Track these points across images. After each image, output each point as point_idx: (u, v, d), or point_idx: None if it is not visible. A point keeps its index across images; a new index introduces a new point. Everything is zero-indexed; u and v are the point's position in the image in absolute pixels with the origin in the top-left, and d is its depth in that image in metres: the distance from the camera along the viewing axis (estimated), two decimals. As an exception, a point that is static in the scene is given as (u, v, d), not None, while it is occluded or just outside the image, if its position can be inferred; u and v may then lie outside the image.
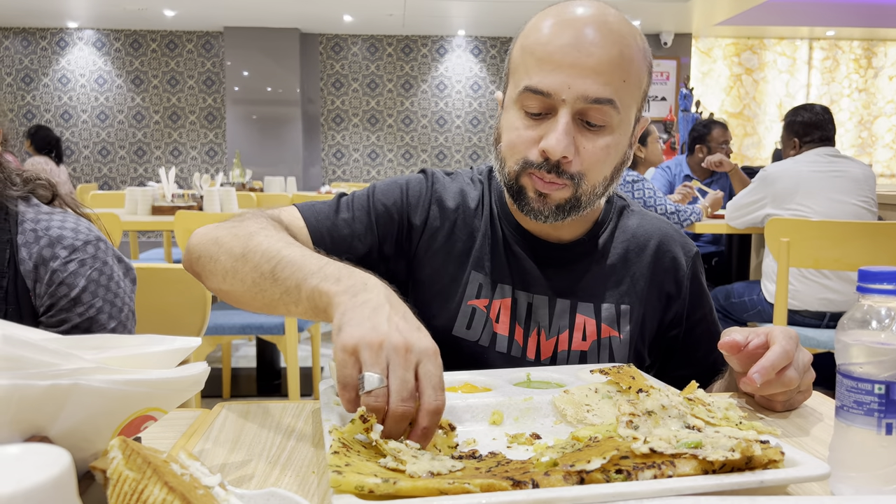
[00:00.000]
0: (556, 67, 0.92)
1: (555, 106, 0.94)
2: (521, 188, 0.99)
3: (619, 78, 0.94)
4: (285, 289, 0.82)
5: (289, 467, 0.74)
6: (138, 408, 0.60)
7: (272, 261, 0.85)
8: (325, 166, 9.14)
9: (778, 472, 0.59)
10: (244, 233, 0.92)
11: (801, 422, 0.89)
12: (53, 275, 1.06)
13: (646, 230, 1.12)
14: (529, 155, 0.96)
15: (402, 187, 1.10)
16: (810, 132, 3.08)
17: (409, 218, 1.08)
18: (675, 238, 1.14)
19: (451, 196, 1.10)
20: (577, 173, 0.96)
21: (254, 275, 0.86)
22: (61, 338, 0.61)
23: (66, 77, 8.77)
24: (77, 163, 8.84)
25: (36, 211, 1.11)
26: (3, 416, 0.52)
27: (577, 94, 0.92)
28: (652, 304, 1.10)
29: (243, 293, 0.90)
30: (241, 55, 8.58)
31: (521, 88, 0.95)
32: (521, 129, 0.97)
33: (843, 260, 2.64)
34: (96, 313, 1.09)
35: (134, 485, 0.51)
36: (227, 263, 0.91)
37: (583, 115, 0.94)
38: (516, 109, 0.98)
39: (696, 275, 1.13)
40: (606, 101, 0.93)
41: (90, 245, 1.10)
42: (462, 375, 0.93)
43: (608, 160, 0.98)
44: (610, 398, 0.81)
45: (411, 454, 0.63)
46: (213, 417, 0.90)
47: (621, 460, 0.59)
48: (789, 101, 9.21)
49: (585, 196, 0.99)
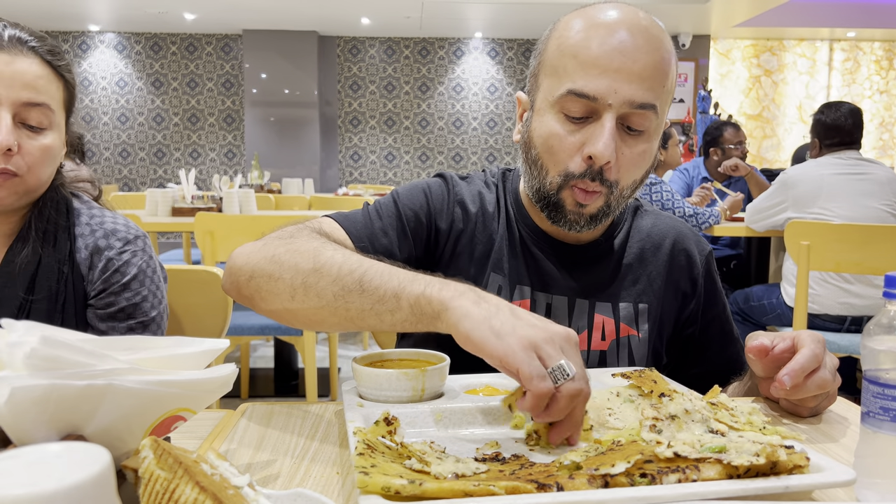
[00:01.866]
0: (603, 72, 0.91)
1: (598, 110, 0.93)
2: (559, 201, 0.98)
3: (660, 83, 0.94)
4: (378, 298, 0.79)
5: (313, 468, 0.75)
6: (169, 408, 0.61)
7: (355, 272, 0.82)
8: (342, 168, 9.18)
9: (803, 478, 0.59)
10: (307, 248, 0.88)
11: (825, 427, 0.88)
12: (109, 262, 1.17)
13: (660, 230, 1.13)
14: (571, 165, 0.95)
15: (425, 192, 1.09)
16: (831, 135, 3.02)
17: (435, 222, 1.08)
18: (690, 237, 1.14)
19: (471, 199, 1.10)
20: (614, 180, 0.96)
21: (334, 288, 0.82)
22: (96, 339, 0.62)
23: (88, 80, 8.87)
24: (98, 164, 8.93)
25: (88, 206, 1.23)
26: (42, 414, 0.53)
27: (624, 98, 0.92)
28: (669, 302, 1.11)
29: (320, 308, 0.85)
30: (260, 58, 8.63)
31: (564, 91, 0.94)
32: (564, 135, 0.95)
33: (864, 263, 2.62)
34: (141, 300, 1.19)
35: (165, 484, 0.52)
36: (296, 280, 0.86)
37: (625, 120, 0.94)
38: (554, 113, 0.96)
39: (710, 273, 1.14)
40: (650, 106, 0.93)
41: (139, 239, 1.22)
42: (484, 378, 0.94)
43: (643, 165, 0.98)
44: (632, 402, 0.81)
45: (436, 456, 0.64)
46: (237, 418, 0.91)
47: (645, 464, 0.59)
48: (809, 103, 9.12)
49: (615, 202, 0.99)
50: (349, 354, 4.34)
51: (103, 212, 1.24)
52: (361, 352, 4.58)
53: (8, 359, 0.54)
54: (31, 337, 0.53)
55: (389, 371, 0.85)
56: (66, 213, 1.18)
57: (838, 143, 3.02)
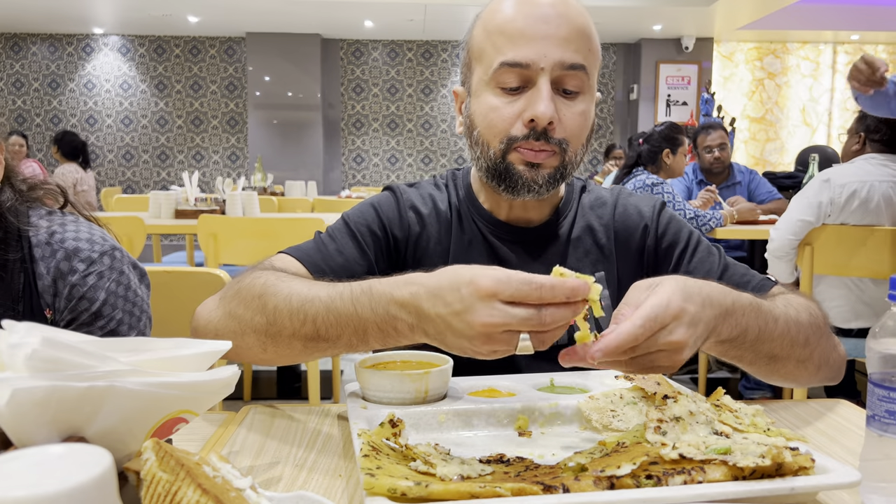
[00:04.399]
0: (531, 40, 0.96)
1: (532, 77, 0.97)
2: (508, 165, 1.00)
3: (586, 47, 0.99)
4: (346, 344, 0.81)
5: (315, 470, 0.75)
6: (171, 410, 0.61)
7: (307, 322, 0.82)
8: (345, 171, 9.19)
9: (808, 479, 0.59)
10: (252, 297, 0.88)
11: (830, 430, 0.88)
12: (73, 289, 1.05)
13: (602, 197, 1.16)
14: (513, 130, 0.99)
15: (374, 206, 1.11)
16: (881, 129, 2.79)
17: (391, 231, 1.09)
18: (632, 197, 1.16)
19: (422, 202, 1.12)
20: (562, 139, 0.99)
21: (299, 340, 0.84)
22: (98, 340, 0.62)
23: (92, 82, 8.89)
24: (101, 167, 8.95)
25: (49, 221, 1.09)
26: (43, 416, 0.53)
27: (554, 61, 0.96)
28: (624, 261, 1.12)
29: (295, 356, 0.87)
30: (263, 60, 8.65)
31: (497, 65, 0.97)
32: (501, 107, 0.99)
33: (868, 267, 2.60)
34: (117, 325, 1.08)
35: (167, 486, 0.52)
36: (259, 335, 0.87)
37: (559, 84, 0.98)
38: (491, 89, 1.00)
39: (661, 216, 1.14)
40: (580, 66, 0.98)
41: (106, 256, 1.08)
42: (487, 380, 0.94)
43: (585, 125, 1.02)
44: (635, 404, 0.81)
45: (440, 458, 0.64)
46: (239, 420, 0.91)
47: (651, 466, 0.59)
48: (812, 106, 9.11)
49: (570, 163, 1.02)
50: (352, 357, 4.33)
51: (65, 226, 1.09)
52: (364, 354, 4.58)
53: (9, 360, 0.54)
54: (33, 338, 0.53)
55: (393, 373, 0.85)
56: (17, 241, 1.05)
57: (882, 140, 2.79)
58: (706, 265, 1.09)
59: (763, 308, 0.84)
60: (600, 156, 8.40)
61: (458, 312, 0.69)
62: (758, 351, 0.85)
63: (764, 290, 1.05)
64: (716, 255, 1.11)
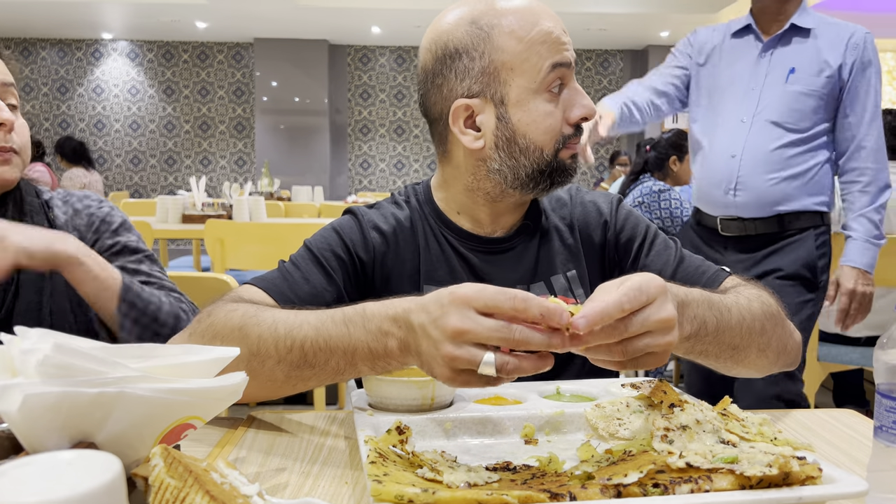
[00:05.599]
0: (560, 43, 1.01)
1: (567, 75, 1.03)
2: (560, 163, 1.04)
3: None
4: (334, 369, 0.80)
5: (322, 477, 0.75)
6: (180, 416, 0.61)
7: (293, 349, 0.81)
8: (351, 176, 9.21)
9: (816, 489, 0.59)
10: (230, 330, 0.86)
11: (837, 441, 0.88)
12: (92, 216, 1.20)
13: (560, 198, 1.18)
14: (564, 130, 1.02)
15: (336, 230, 1.09)
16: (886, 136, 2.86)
17: (356, 253, 1.07)
18: (590, 196, 1.19)
19: (384, 220, 1.10)
20: None
21: (284, 368, 0.82)
22: (108, 346, 0.63)
23: (101, 87, 8.95)
24: (109, 171, 9.00)
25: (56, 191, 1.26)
26: (54, 421, 0.53)
27: (574, 56, 1.04)
28: (591, 259, 1.14)
29: (277, 388, 0.86)
30: (271, 66, 8.69)
31: (549, 67, 1.00)
32: (554, 111, 1.02)
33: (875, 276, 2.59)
34: (137, 240, 1.22)
35: (176, 492, 0.52)
36: (239, 368, 0.80)
37: None
38: (542, 94, 1.01)
39: (619, 211, 1.16)
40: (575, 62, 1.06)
41: (109, 201, 1.26)
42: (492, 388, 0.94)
43: None
44: (641, 412, 0.81)
45: (447, 465, 0.64)
46: (246, 426, 0.91)
47: (658, 474, 0.59)
48: (820, 113, 9.08)
49: None
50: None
51: (59, 191, 1.26)
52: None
53: (21, 366, 0.54)
54: (44, 344, 0.53)
55: (399, 380, 0.85)
56: (39, 200, 1.19)
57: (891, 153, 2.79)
58: (663, 257, 1.12)
59: (714, 300, 0.85)
60: (606, 162, 8.40)
61: (435, 319, 0.69)
62: (720, 342, 0.85)
63: (718, 281, 1.07)
64: (672, 247, 1.13)
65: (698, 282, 1.07)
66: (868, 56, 2.07)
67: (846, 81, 2.07)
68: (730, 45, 2.16)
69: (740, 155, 2.07)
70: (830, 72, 2.04)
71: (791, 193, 2.08)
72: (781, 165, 2.07)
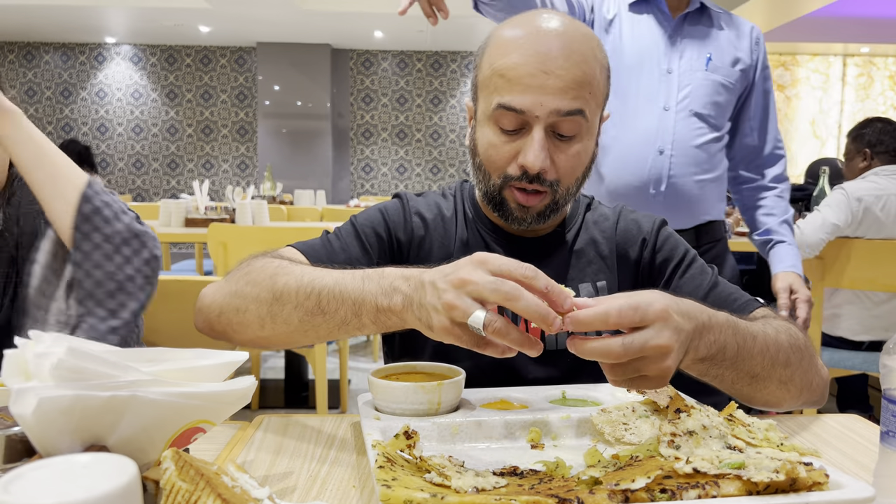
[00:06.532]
0: (527, 88, 0.98)
1: (528, 122, 1.00)
2: (503, 200, 1.06)
3: (585, 92, 1.00)
4: (341, 320, 0.84)
5: (329, 480, 0.75)
6: (190, 419, 0.62)
7: (312, 295, 0.86)
8: (353, 180, 9.22)
9: (822, 495, 0.59)
10: (263, 277, 0.92)
11: (843, 446, 0.88)
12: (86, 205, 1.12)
13: (606, 215, 1.19)
14: (509, 170, 1.03)
15: (381, 211, 1.16)
16: (884, 140, 2.85)
17: (395, 235, 1.14)
18: (634, 214, 1.19)
19: (427, 208, 1.17)
20: (554, 180, 1.02)
21: (298, 314, 0.87)
22: (120, 350, 0.63)
23: (104, 91, 8.97)
24: (112, 174, 9.01)
25: None
26: (67, 424, 0.54)
27: (549, 110, 0.98)
28: (624, 273, 1.15)
29: (290, 333, 0.90)
30: (273, 70, 8.71)
31: (495, 105, 1.00)
32: (499, 145, 1.02)
33: (878, 281, 2.59)
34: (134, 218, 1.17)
35: (187, 496, 0.53)
36: (262, 310, 0.91)
37: (555, 128, 1.00)
38: (490, 125, 1.03)
39: (660, 232, 1.16)
40: (577, 111, 0.99)
41: None
42: (499, 392, 0.94)
43: (580, 164, 1.05)
44: (647, 417, 0.82)
45: (455, 470, 0.64)
46: (252, 430, 0.91)
47: (665, 480, 0.59)
48: (822, 119, 9.09)
49: (562, 199, 1.06)
50: (359, 366, 4.34)
51: None
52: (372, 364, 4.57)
53: (35, 369, 0.55)
54: (58, 348, 0.54)
55: (406, 384, 0.85)
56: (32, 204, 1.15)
57: (892, 150, 2.82)
58: (696, 281, 1.11)
59: (740, 326, 0.83)
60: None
61: (446, 274, 0.73)
62: (738, 369, 0.83)
63: (748, 310, 1.06)
64: (708, 273, 1.13)
65: (727, 309, 1.05)
66: (765, 56, 1.92)
67: (752, 80, 1.90)
68: (630, 18, 1.84)
69: (670, 150, 1.78)
70: (743, 66, 1.86)
71: (712, 199, 1.86)
72: (709, 166, 1.83)
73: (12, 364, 0.57)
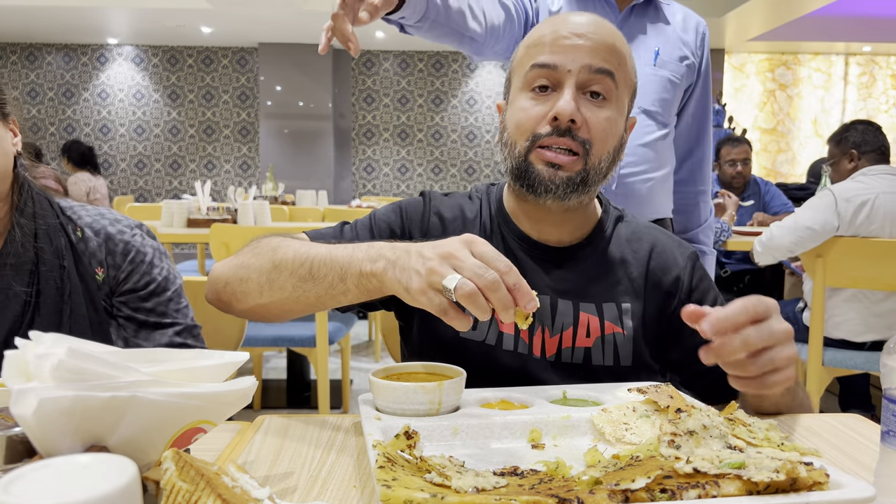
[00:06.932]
0: (561, 48, 1.03)
1: (560, 80, 1.03)
2: (528, 164, 1.04)
3: (616, 60, 1.04)
4: (328, 284, 0.89)
5: (330, 480, 0.75)
6: (190, 420, 0.62)
7: (305, 263, 0.92)
8: (355, 180, 9.23)
9: (823, 495, 0.59)
10: (266, 249, 0.99)
11: (843, 445, 0.88)
12: (128, 245, 1.18)
13: (639, 235, 1.16)
14: (539, 128, 1.03)
15: (400, 207, 1.18)
16: (868, 140, 2.89)
17: (410, 233, 1.15)
18: (669, 241, 1.18)
19: (449, 209, 1.16)
20: (587, 140, 1.02)
21: (292, 280, 0.93)
22: (120, 351, 0.63)
23: (106, 92, 8.98)
24: (114, 175, 9.03)
25: (68, 202, 1.21)
26: (68, 425, 0.54)
27: (581, 64, 1.02)
28: (652, 301, 1.12)
29: (285, 300, 0.95)
30: (275, 71, 8.71)
31: (528, 67, 1.04)
32: (529, 108, 1.04)
33: (880, 280, 2.59)
34: (167, 273, 1.22)
35: (187, 496, 0.53)
36: (262, 279, 0.97)
37: (586, 86, 1.03)
38: (524, 93, 1.06)
39: (695, 270, 1.15)
40: (607, 71, 1.03)
41: (142, 226, 1.24)
42: (499, 392, 0.94)
43: (611, 132, 1.05)
44: (648, 417, 0.81)
45: (455, 470, 0.64)
46: (253, 430, 0.92)
47: (665, 480, 0.59)
48: (824, 118, 9.08)
49: (592, 169, 1.04)
50: (361, 366, 4.34)
51: (85, 206, 1.23)
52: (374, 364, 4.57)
53: (35, 370, 0.55)
54: (59, 349, 0.54)
55: (407, 384, 0.85)
56: (50, 208, 1.15)
57: (877, 149, 2.85)
58: None
59: None
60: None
61: (435, 245, 0.78)
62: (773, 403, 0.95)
63: None
64: None
65: None
66: (709, 55, 1.84)
67: (697, 78, 1.82)
68: (576, 9, 1.74)
69: None
70: (690, 61, 1.79)
71: (661, 197, 1.81)
72: (657, 164, 1.78)
73: (13, 365, 0.57)
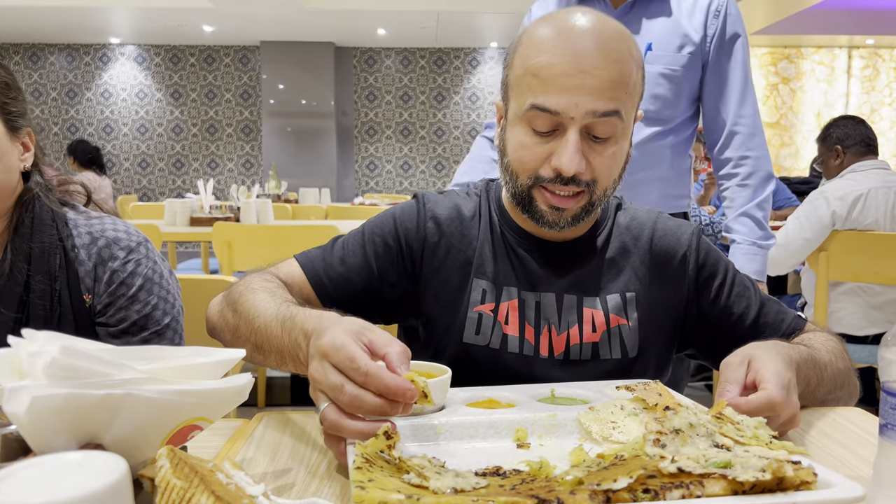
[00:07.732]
0: (562, 89, 0.95)
1: (563, 123, 0.96)
2: (531, 200, 1.02)
3: (621, 92, 0.97)
4: (275, 362, 0.89)
5: (328, 477, 0.75)
6: (186, 417, 0.62)
7: (252, 332, 0.91)
8: (358, 178, 9.23)
9: (810, 494, 0.57)
10: (232, 302, 0.99)
11: (843, 438, 0.88)
12: (113, 275, 1.14)
13: (639, 221, 1.15)
14: (541, 171, 1.00)
15: (393, 216, 1.14)
16: (850, 134, 2.89)
17: (406, 242, 1.11)
18: (669, 222, 1.15)
19: (445, 210, 1.13)
20: (590, 181, 0.99)
21: (249, 347, 0.93)
22: (114, 348, 0.64)
23: (108, 91, 8.99)
24: (117, 174, 9.04)
25: (86, 216, 1.18)
26: (61, 423, 0.54)
27: (585, 111, 0.95)
28: (657, 288, 1.11)
29: (250, 359, 0.95)
30: (277, 69, 8.71)
31: (528, 106, 0.97)
32: (531, 146, 0.99)
33: (883, 273, 2.58)
34: (151, 310, 1.17)
35: (182, 493, 0.53)
36: (231, 336, 0.99)
37: (590, 130, 0.97)
38: (523, 126, 1.00)
39: (700, 246, 1.13)
40: (613, 112, 0.96)
41: (142, 246, 1.18)
42: (486, 391, 0.93)
43: (616, 165, 1.02)
44: (636, 415, 0.79)
45: (434, 470, 0.63)
46: (252, 427, 0.92)
47: (648, 479, 0.57)
48: (828, 111, 9.04)
49: (598, 200, 1.03)
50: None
51: (102, 219, 1.19)
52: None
53: (29, 368, 0.55)
54: (52, 347, 0.55)
55: None
56: (52, 224, 1.13)
57: (861, 143, 2.85)
58: (743, 301, 1.11)
59: (816, 359, 0.93)
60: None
61: (311, 356, 0.75)
62: (812, 398, 0.94)
63: (799, 328, 1.10)
64: (751, 290, 1.13)
65: (779, 330, 1.11)
66: (732, 26, 1.73)
67: (708, 56, 1.74)
68: None
69: None
70: (692, 47, 1.72)
71: (651, 199, 1.75)
72: (645, 164, 1.73)
73: (5, 363, 0.58)
